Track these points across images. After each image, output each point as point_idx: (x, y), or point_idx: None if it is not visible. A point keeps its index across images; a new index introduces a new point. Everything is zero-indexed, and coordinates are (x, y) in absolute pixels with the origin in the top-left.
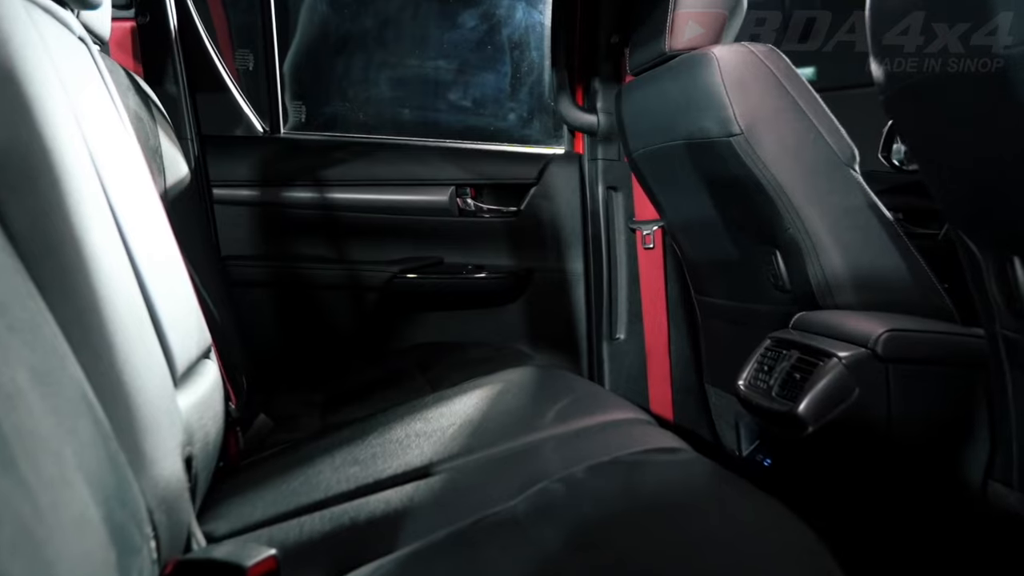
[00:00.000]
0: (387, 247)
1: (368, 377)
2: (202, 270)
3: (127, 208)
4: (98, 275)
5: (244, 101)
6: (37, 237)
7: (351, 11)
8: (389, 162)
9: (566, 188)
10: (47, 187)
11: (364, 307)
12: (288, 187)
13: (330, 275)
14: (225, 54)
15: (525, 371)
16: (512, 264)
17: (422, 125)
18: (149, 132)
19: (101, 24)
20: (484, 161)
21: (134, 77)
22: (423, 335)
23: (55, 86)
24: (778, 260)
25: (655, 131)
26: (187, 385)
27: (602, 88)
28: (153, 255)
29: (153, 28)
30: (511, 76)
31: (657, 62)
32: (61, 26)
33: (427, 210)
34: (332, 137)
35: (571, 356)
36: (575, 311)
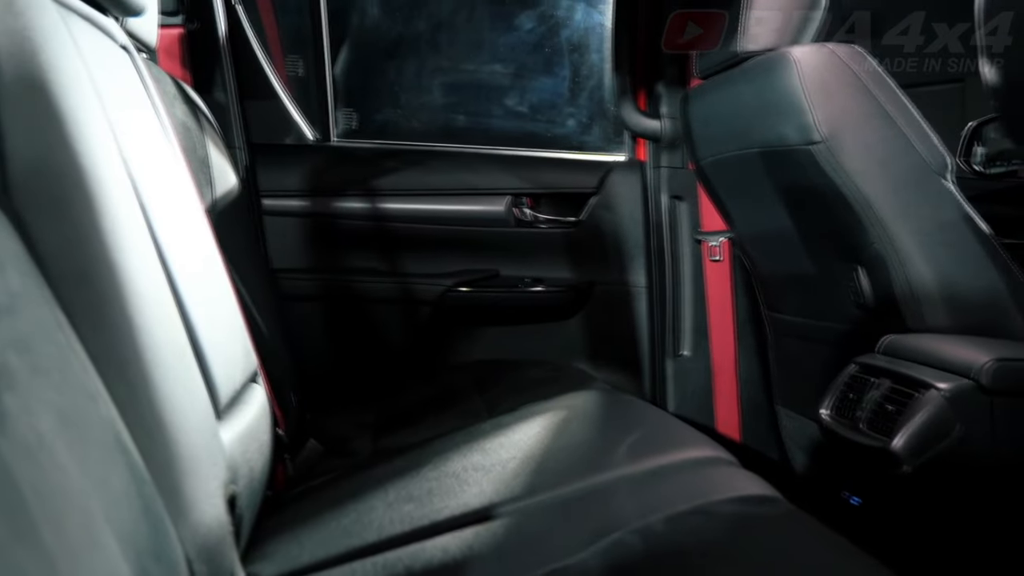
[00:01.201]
0: (441, 259)
1: (422, 396)
2: (251, 284)
3: (167, 227)
4: (134, 302)
5: (294, 108)
6: (68, 263)
7: (404, 14)
8: (443, 171)
9: (628, 197)
10: (80, 209)
11: (417, 322)
12: (339, 197)
13: (382, 288)
14: (276, 60)
15: (589, 396)
16: (571, 277)
17: (477, 132)
18: (197, 142)
19: (148, 31)
20: (542, 169)
21: (182, 85)
22: (479, 351)
23: (91, 100)
24: (860, 276)
25: (726, 138)
26: (231, 415)
27: (666, 92)
28: (196, 276)
29: (202, 35)
30: (570, 80)
31: (729, 64)
32: (102, 35)
33: (482, 220)
34: (384, 145)
35: (633, 373)
36: (637, 326)
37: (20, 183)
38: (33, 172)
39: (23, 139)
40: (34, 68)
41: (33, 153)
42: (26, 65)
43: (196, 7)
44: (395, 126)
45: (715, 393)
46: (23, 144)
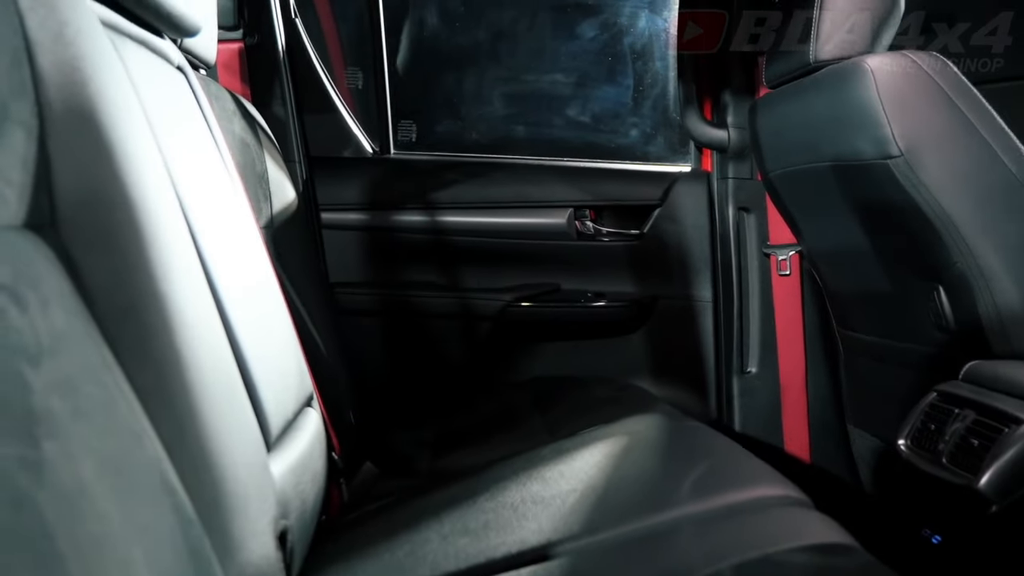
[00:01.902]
0: (501, 273)
1: (481, 414)
2: (309, 300)
3: (219, 252)
4: (183, 336)
5: (353, 121)
6: (116, 297)
7: (464, 24)
8: (503, 183)
9: (693, 209)
10: (128, 241)
11: (477, 337)
12: (398, 210)
13: (441, 303)
14: (337, 72)
15: (652, 420)
16: (634, 291)
17: (538, 143)
18: (255, 157)
19: (206, 48)
20: (604, 181)
21: (241, 101)
22: (540, 368)
23: (141, 127)
24: (941, 297)
25: (796, 150)
26: (283, 446)
27: (733, 101)
28: (248, 302)
29: (261, 49)
30: (633, 89)
31: (799, 73)
32: (157, 58)
33: (543, 234)
34: (443, 157)
35: (697, 391)
36: (702, 342)
37: (68, 217)
38: (81, 205)
39: (71, 172)
40: (83, 99)
41: (81, 186)
42: (75, 96)
43: (255, 22)
44: (454, 138)
45: (783, 411)
46: (71, 177)
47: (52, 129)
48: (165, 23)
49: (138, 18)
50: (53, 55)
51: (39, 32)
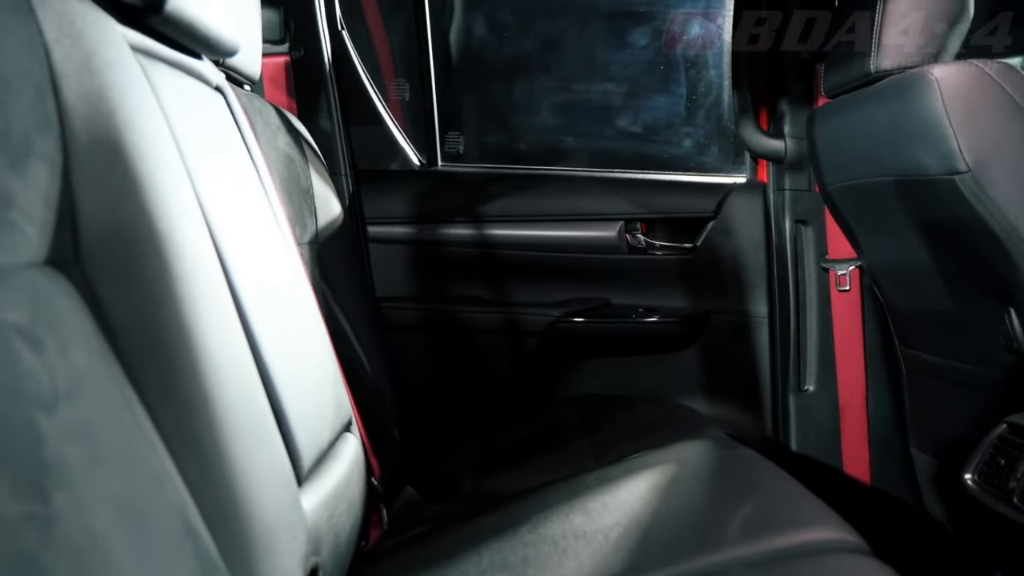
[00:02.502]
0: (550, 288)
1: (528, 433)
2: (354, 315)
3: (252, 283)
4: (210, 373)
5: (400, 133)
6: (141, 334)
7: (512, 34)
8: (552, 195)
9: (748, 221)
10: (155, 276)
11: (524, 354)
12: (445, 223)
13: (488, 318)
14: (387, 83)
15: (703, 448)
16: (687, 306)
17: (588, 154)
18: (300, 172)
19: (250, 64)
20: (656, 192)
21: (285, 115)
22: (589, 385)
23: (171, 155)
24: (1012, 319)
25: (856, 164)
26: (316, 478)
27: (790, 110)
28: (284, 333)
29: (307, 62)
30: (686, 98)
31: (860, 83)
32: (192, 79)
33: (593, 247)
34: (491, 169)
35: (752, 409)
36: (758, 359)
37: (92, 252)
38: (106, 239)
39: (96, 205)
40: (110, 130)
41: (106, 219)
42: (101, 127)
43: (301, 35)
44: (502, 149)
45: (843, 431)
46: (96, 211)
47: (77, 162)
48: (201, 45)
49: (174, 41)
50: (79, 86)
51: (65, 64)
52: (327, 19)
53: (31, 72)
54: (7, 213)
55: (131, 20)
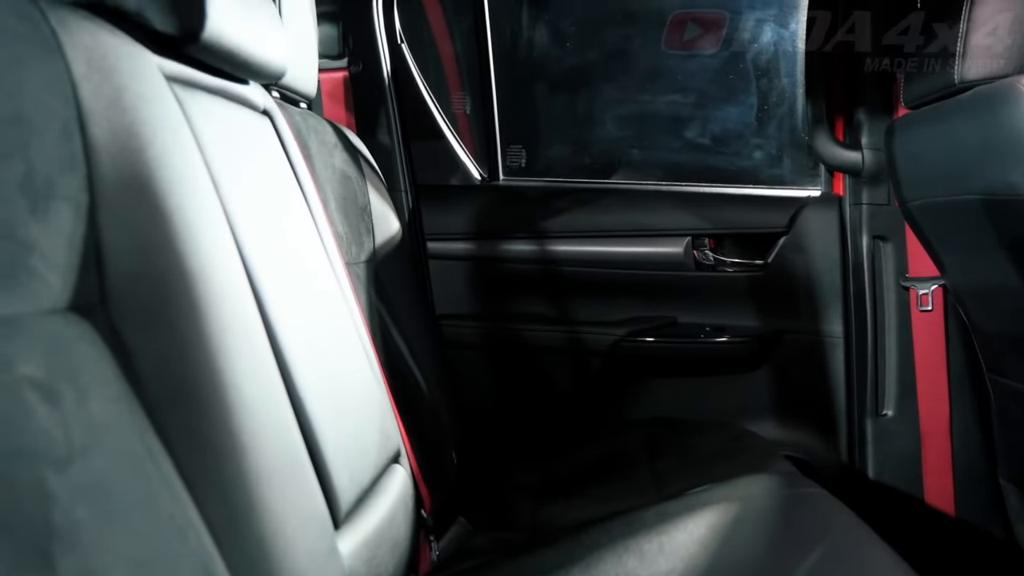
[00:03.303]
0: (613, 305)
1: (589, 458)
2: (413, 334)
3: (291, 316)
4: (242, 417)
5: (460, 147)
6: (168, 379)
7: (575, 44)
8: (616, 210)
9: (823, 237)
10: (183, 317)
11: (587, 374)
12: (506, 239)
13: (550, 337)
14: (453, 96)
15: (768, 485)
16: (757, 326)
17: (654, 167)
18: (357, 190)
19: (305, 82)
20: (725, 207)
21: (343, 132)
22: (653, 407)
23: (203, 190)
24: None
25: (939, 180)
26: (356, 518)
27: (868, 121)
28: (325, 368)
29: (365, 77)
30: (757, 108)
31: (943, 94)
32: (236, 105)
33: (659, 264)
34: (554, 183)
35: (826, 434)
36: (832, 381)
37: (118, 294)
38: (133, 280)
39: (123, 246)
40: (139, 167)
41: (134, 260)
42: (130, 165)
43: (360, 49)
44: (565, 163)
45: (924, 459)
46: (123, 252)
47: (104, 202)
48: (244, 71)
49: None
50: (108, 123)
51: (93, 100)
52: (387, 33)
53: (57, 111)
54: (27, 260)
55: (168, 50)
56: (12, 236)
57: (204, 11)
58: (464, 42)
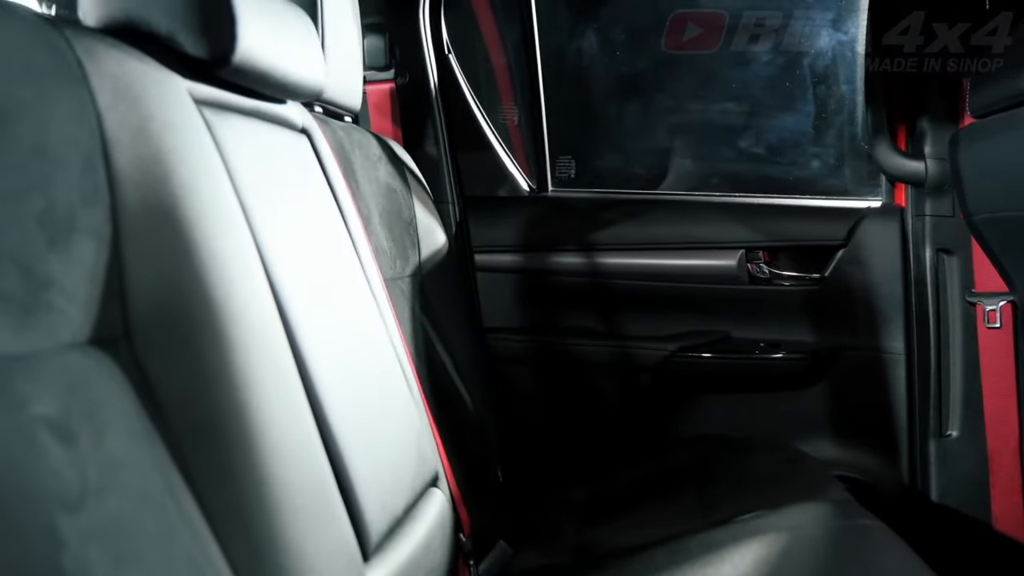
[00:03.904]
0: (665, 320)
1: (637, 477)
2: (458, 347)
3: (322, 342)
4: (268, 451)
5: (509, 158)
6: (192, 413)
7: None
8: (668, 222)
9: (883, 250)
10: (209, 348)
11: (636, 390)
12: (555, 251)
13: (598, 351)
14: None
15: (821, 514)
16: (813, 341)
17: (707, 177)
18: (403, 203)
19: (349, 96)
20: (780, 218)
21: (388, 145)
22: (704, 424)
23: (231, 217)
24: None
25: (1007, 193)
26: (389, 549)
27: (932, 129)
28: (358, 394)
29: (412, 88)
30: (814, 116)
31: (1012, 103)
32: (269, 125)
33: (711, 277)
34: (604, 194)
35: (886, 455)
36: (893, 400)
37: (142, 326)
38: (157, 312)
39: (147, 277)
40: (164, 196)
41: (158, 291)
42: (155, 194)
43: (407, 60)
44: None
45: (992, 482)
46: (147, 282)
47: (128, 232)
48: (278, 91)
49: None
50: (133, 152)
51: (118, 131)
52: (433, 44)
53: (80, 143)
54: (45, 295)
55: (199, 73)
56: (29, 272)
57: (235, 34)
58: (512, 52)
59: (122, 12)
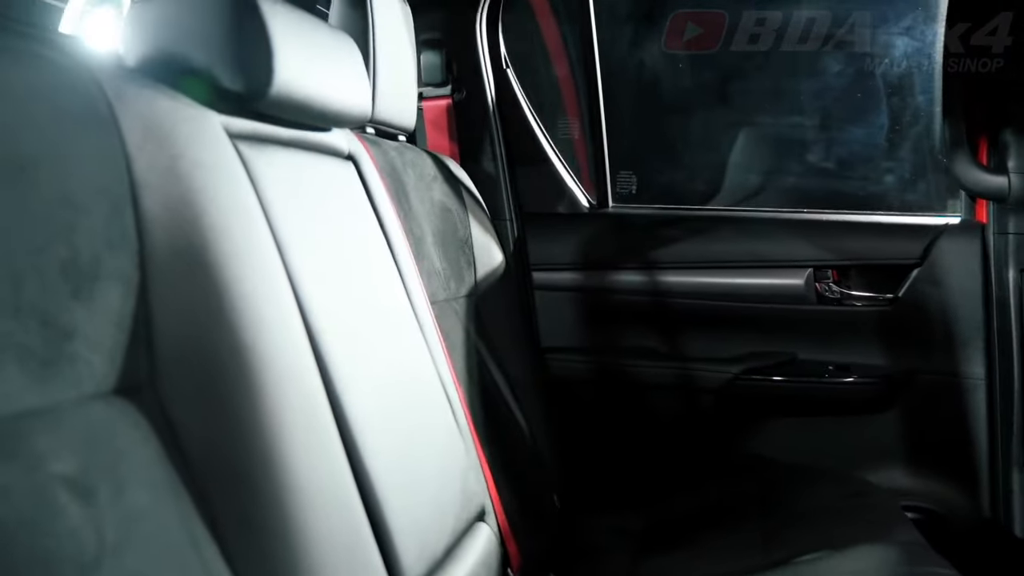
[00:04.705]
0: (728, 341)
1: (694, 507)
2: (515, 368)
3: (359, 379)
4: (299, 497)
5: (568, 173)
6: (218, 461)
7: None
8: (732, 239)
9: (962, 269)
10: (237, 396)
11: (698, 413)
12: (615, 269)
13: (659, 373)
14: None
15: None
16: (886, 365)
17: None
18: (458, 222)
19: (402, 115)
20: (850, 235)
21: (444, 162)
22: (768, 450)
23: (264, 254)
24: None
25: None
26: None
27: (1016, 142)
28: (397, 433)
29: (469, 104)
30: (888, 128)
31: None
32: (310, 154)
33: (778, 296)
34: (666, 210)
35: (964, 484)
36: (972, 427)
37: (169, 372)
38: (184, 357)
39: (175, 322)
40: (193, 237)
41: (186, 336)
42: (184, 236)
43: (464, 76)
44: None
45: None
46: (175, 326)
47: (155, 277)
48: (322, 120)
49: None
50: (162, 194)
51: (148, 172)
52: (491, 58)
53: (107, 188)
54: (68, 346)
55: (236, 107)
56: (52, 323)
57: (271, 67)
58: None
59: (161, 47)
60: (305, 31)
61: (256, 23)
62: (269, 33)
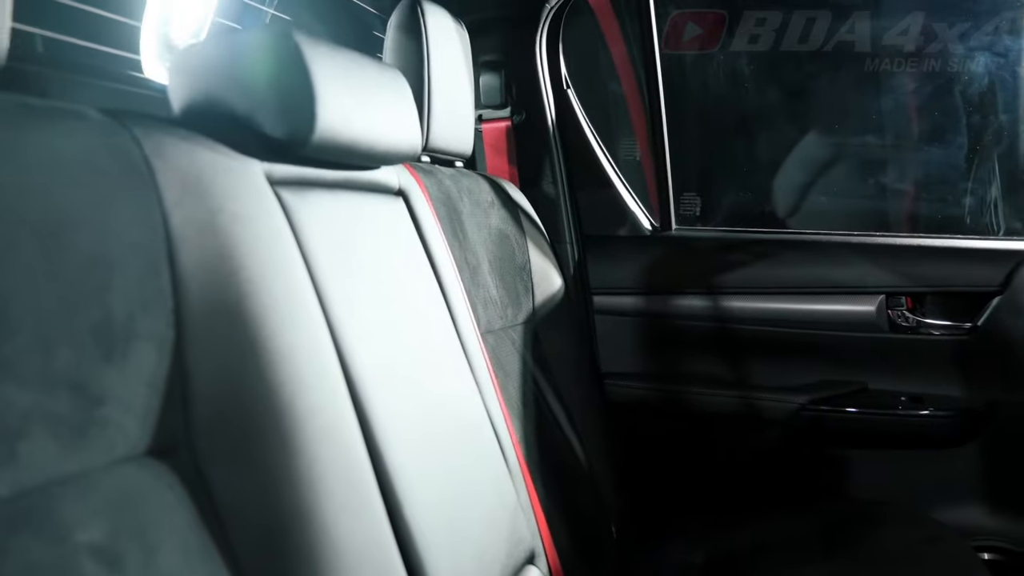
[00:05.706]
0: (795, 369)
1: (758, 540)
2: (574, 396)
3: (402, 431)
4: (335, 564)
5: (630, 195)
6: (254, 523)
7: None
8: (799, 263)
9: None
10: (275, 455)
11: (764, 444)
12: (677, 294)
13: (723, 401)
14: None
15: None
16: (964, 397)
17: (843, 216)
18: (516, 247)
19: (459, 142)
20: (926, 260)
21: (501, 187)
22: (835, 484)
23: (303, 306)
24: None
25: None
26: None
27: None
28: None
29: (529, 126)
30: (967, 148)
31: None
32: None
33: (848, 324)
34: (731, 233)
35: None
36: None
37: (204, 431)
38: (220, 416)
39: (211, 380)
40: (231, 293)
41: (222, 393)
42: (221, 292)
43: (524, 98)
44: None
45: None
46: (211, 385)
47: (191, 336)
48: (368, 160)
49: None
50: (199, 250)
51: (185, 228)
52: (551, 79)
53: (143, 246)
54: (99, 411)
55: (279, 153)
56: (82, 389)
57: (314, 112)
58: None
59: (205, 95)
60: (351, 72)
61: (297, 67)
62: (311, 77)
